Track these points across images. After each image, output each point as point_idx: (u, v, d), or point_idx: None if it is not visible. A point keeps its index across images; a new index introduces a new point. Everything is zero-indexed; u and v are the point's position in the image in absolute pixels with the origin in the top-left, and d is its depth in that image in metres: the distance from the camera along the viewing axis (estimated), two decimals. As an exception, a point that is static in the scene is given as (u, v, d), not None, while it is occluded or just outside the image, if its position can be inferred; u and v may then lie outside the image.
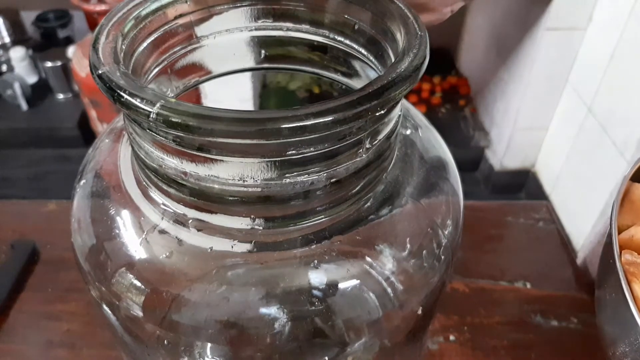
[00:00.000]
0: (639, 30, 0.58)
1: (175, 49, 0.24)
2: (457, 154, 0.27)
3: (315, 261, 0.21)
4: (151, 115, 0.16)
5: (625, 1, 0.62)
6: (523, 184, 1.02)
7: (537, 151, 0.95)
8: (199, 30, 0.25)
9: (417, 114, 0.28)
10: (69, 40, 1.34)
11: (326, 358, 0.23)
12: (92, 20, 0.94)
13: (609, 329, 0.28)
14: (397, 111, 0.21)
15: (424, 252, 0.23)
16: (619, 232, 0.29)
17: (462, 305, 0.45)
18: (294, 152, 0.17)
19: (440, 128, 0.29)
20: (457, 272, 0.47)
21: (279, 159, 0.18)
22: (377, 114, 0.17)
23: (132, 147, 0.21)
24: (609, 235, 0.28)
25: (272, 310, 0.21)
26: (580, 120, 0.71)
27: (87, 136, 1.23)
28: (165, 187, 0.20)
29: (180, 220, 0.21)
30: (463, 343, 0.42)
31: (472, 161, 1.12)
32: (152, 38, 0.22)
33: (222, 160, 0.18)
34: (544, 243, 0.51)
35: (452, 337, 0.42)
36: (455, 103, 1.23)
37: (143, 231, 0.22)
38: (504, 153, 0.99)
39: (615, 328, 0.27)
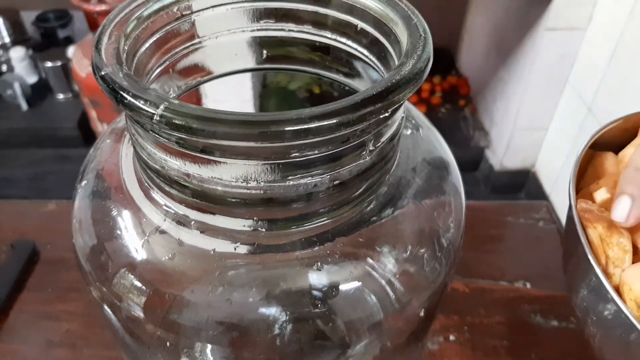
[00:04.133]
0: (639, 30, 0.58)
1: (177, 49, 0.24)
2: (457, 154, 0.27)
3: (318, 263, 0.20)
4: (155, 117, 0.16)
5: (625, 1, 0.62)
6: (523, 184, 1.02)
7: (537, 151, 0.95)
8: (201, 30, 0.25)
9: (419, 115, 0.28)
10: (69, 40, 1.34)
11: (327, 360, 0.23)
12: (92, 20, 0.94)
13: (571, 277, 0.30)
14: (400, 113, 0.21)
15: (426, 254, 0.23)
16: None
17: (462, 305, 0.45)
18: (297, 154, 0.17)
19: (440, 128, 0.29)
20: (457, 272, 0.47)
21: (282, 161, 0.18)
22: (381, 116, 0.17)
23: (135, 148, 0.21)
24: (569, 190, 0.29)
25: (273, 312, 0.21)
26: (580, 120, 0.71)
27: (87, 136, 1.23)
28: (167, 188, 0.20)
29: (182, 222, 0.21)
30: (463, 343, 0.42)
31: (472, 161, 1.12)
32: (154, 38, 0.22)
33: (225, 162, 0.18)
34: (544, 243, 0.51)
35: (452, 337, 0.42)
36: (455, 103, 1.23)
37: (145, 232, 0.21)
38: (504, 153, 0.99)
39: (575, 274, 0.29)
